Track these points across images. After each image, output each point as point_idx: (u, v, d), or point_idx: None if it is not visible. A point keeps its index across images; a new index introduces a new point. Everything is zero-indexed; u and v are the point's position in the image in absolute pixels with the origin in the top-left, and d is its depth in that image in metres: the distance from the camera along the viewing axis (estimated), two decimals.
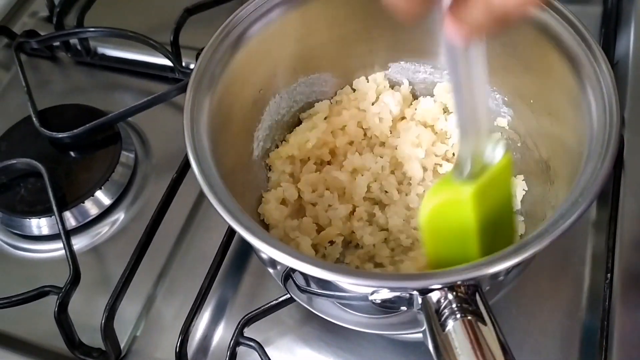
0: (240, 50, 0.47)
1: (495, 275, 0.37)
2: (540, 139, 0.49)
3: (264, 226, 0.50)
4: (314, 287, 0.41)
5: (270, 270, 0.45)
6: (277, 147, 0.54)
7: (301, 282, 0.41)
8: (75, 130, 0.59)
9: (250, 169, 0.51)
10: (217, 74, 0.45)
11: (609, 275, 0.48)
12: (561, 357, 0.47)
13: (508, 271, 0.38)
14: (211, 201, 0.38)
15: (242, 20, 0.47)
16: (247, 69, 0.48)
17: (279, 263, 0.40)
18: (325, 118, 0.55)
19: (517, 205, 0.50)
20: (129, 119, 0.62)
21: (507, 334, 0.33)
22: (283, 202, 0.51)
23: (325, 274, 0.34)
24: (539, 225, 0.37)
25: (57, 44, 0.71)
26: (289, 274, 0.41)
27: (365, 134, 0.55)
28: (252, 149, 0.52)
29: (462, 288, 0.33)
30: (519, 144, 0.52)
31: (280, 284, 0.43)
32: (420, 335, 0.36)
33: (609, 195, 0.52)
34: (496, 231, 0.41)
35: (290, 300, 0.47)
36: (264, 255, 0.43)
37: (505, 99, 0.52)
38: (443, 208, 0.39)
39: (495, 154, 0.37)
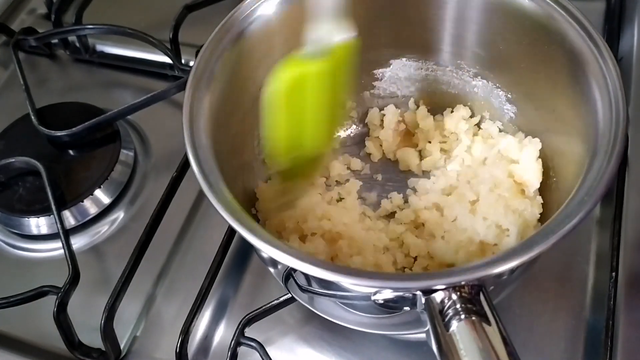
0: (240, 47, 0.46)
1: (499, 275, 0.36)
2: (544, 136, 0.49)
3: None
4: (315, 287, 0.40)
5: (271, 270, 0.45)
6: None
7: (302, 281, 0.41)
8: (74, 129, 0.58)
9: (250, 166, 0.51)
10: (217, 72, 0.45)
11: (613, 274, 0.48)
12: (565, 356, 0.47)
13: (512, 271, 0.38)
14: (211, 200, 0.37)
15: (242, 17, 0.47)
16: (247, 66, 0.48)
17: (280, 263, 0.40)
18: None
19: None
20: (128, 117, 0.62)
21: (511, 333, 0.32)
22: None
23: (327, 275, 0.33)
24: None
25: (55, 41, 0.70)
26: (290, 274, 0.41)
27: None
28: (253, 147, 0.51)
29: (466, 288, 0.33)
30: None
31: (282, 283, 0.43)
32: (423, 334, 0.35)
33: (613, 193, 0.52)
34: (331, 114, 0.44)
35: (292, 299, 0.47)
36: (264, 255, 0.42)
37: (509, 96, 0.51)
38: (296, 82, 0.41)
39: (339, 34, 0.41)
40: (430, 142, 0.55)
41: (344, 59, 0.42)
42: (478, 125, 0.55)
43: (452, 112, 0.55)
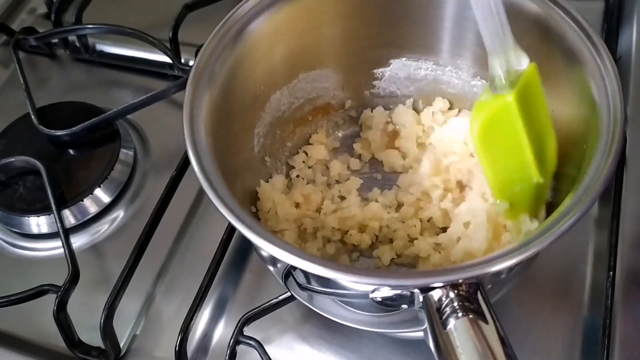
0: (240, 46, 0.47)
1: (497, 274, 0.37)
2: None
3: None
4: (314, 285, 0.41)
5: (271, 268, 0.45)
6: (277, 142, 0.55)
7: (302, 279, 0.41)
8: (73, 128, 0.58)
9: (250, 165, 0.51)
10: (217, 70, 0.45)
11: (611, 273, 0.48)
12: (563, 355, 0.47)
13: (510, 269, 0.38)
14: (211, 198, 0.37)
15: (242, 16, 0.47)
16: (247, 65, 0.48)
17: (280, 261, 0.40)
18: None
19: None
20: (128, 116, 0.62)
21: (509, 332, 0.32)
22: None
23: (326, 272, 0.33)
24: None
25: (55, 40, 0.70)
26: (289, 272, 0.41)
27: None
28: (253, 146, 0.51)
29: (464, 286, 0.33)
30: None
31: (281, 281, 0.43)
32: (421, 333, 0.35)
33: (612, 193, 0.52)
34: (542, 139, 0.44)
35: (291, 298, 0.47)
36: (264, 253, 0.43)
37: None
38: (493, 120, 0.43)
39: (521, 61, 0.42)
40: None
41: (532, 84, 0.42)
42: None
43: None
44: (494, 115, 0.43)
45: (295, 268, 0.39)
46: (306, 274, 0.40)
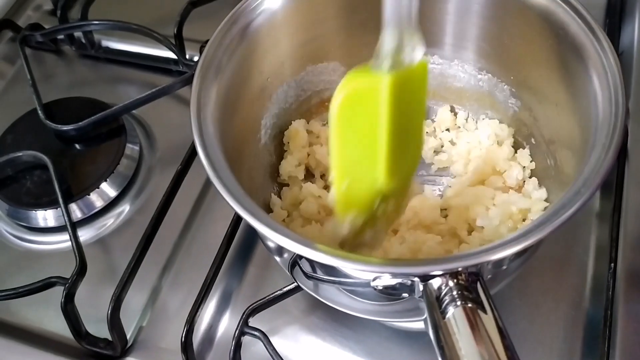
0: (247, 39, 0.47)
1: (497, 263, 0.37)
2: (547, 130, 0.49)
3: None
4: (320, 274, 0.41)
5: (277, 259, 0.45)
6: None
7: (308, 268, 0.41)
8: (80, 123, 0.59)
9: (257, 156, 0.51)
10: (224, 63, 0.45)
11: (612, 265, 0.48)
12: (565, 346, 0.47)
13: (510, 260, 0.38)
14: (216, 186, 0.38)
15: (249, 9, 0.47)
16: (254, 57, 0.48)
17: (286, 250, 0.41)
18: None
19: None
20: (134, 111, 0.63)
21: (511, 323, 0.33)
22: None
23: (329, 260, 0.34)
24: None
25: (61, 37, 0.71)
26: (295, 261, 0.41)
27: None
28: (260, 137, 0.52)
29: (464, 275, 0.33)
30: (525, 135, 0.52)
31: (287, 271, 0.43)
32: (423, 325, 0.36)
33: (613, 186, 0.52)
34: (404, 141, 0.39)
35: (295, 290, 0.47)
36: (270, 243, 0.43)
37: (513, 89, 0.52)
38: (359, 95, 0.36)
39: (415, 54, 0.36)
40: None
41: (416, 79, 0.37)
42: None
43: None
44: (361, 91, 0.36)
45: (301, 257, 0.40)
46: (312, 263, 0.40)
